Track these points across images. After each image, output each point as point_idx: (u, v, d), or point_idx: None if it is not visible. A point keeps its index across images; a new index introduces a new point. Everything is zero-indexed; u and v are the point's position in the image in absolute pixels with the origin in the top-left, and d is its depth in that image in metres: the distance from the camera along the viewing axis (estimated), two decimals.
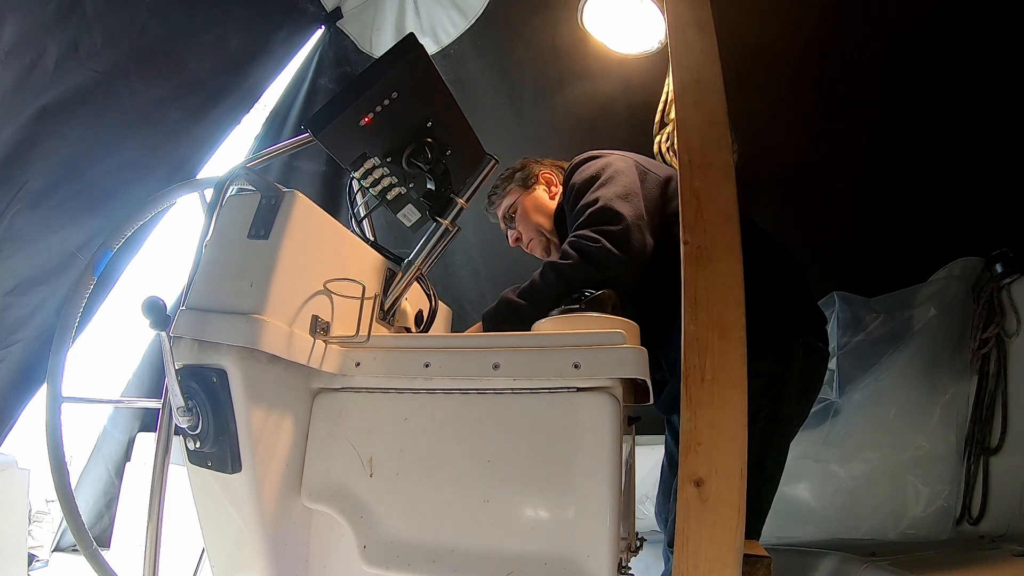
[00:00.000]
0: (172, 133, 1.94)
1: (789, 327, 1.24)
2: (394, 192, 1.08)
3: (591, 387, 0.83)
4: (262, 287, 0.82)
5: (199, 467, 0.85)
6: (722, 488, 0.71)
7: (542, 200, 1.53)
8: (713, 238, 0.84)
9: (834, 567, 1.41)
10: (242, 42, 2.10)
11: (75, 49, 1.61)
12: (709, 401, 0.75)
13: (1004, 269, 1.85)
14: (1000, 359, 1.80)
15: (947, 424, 1.84)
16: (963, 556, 1.48)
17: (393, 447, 0.89)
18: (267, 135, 2.48)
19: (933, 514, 1.78)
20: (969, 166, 1.95)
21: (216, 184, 0.92)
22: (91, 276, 1.00)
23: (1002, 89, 1.87)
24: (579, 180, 1.31)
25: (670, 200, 1.30)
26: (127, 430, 2.54)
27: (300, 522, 0.92)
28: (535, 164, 1.59)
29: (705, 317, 0.79)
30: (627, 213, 1.19)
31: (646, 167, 1.35)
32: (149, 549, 0.84)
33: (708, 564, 0.69)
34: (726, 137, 0.92)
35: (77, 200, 1.71)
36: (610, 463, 0.80)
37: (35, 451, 1.79)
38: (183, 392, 0.78)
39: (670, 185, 1.32)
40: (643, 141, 1.71)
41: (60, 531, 2.41)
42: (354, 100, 0.94)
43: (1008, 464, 1.71)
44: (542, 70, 2.37)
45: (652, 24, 1.71)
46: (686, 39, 1.02)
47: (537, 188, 1.54)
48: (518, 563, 0.80)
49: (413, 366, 0.89)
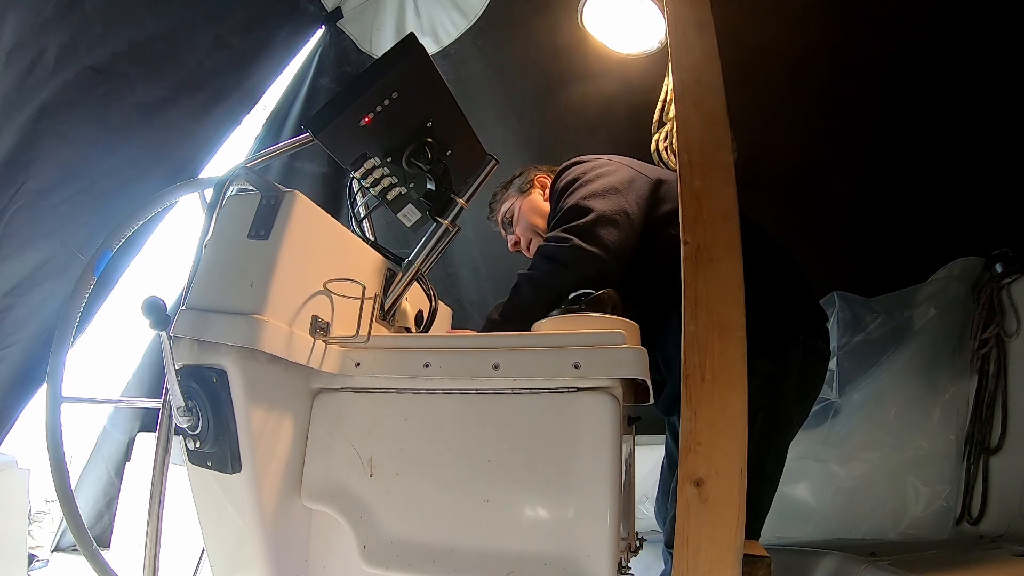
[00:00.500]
0: (172, 133, 1.94)
1: (787, 326, 1.23)
2: (394, 192, 1.08)
3: (591, 387, 0.83)
4: (262, 287, 0.82)
5: (199, 467, 0.85)
6: (722, 488, 0.71)
7: (538, 203, 1.55)
8: (713, 238, 0.84)
9: (834, 567, 1.41)
10: (242, 42, 2.10)
11: (75, 48, 1.61)
12: (709, 401, 0.75)
13: (1004, 269, 1.85)
14: (1000, 359, 1.80)
15: (947, 424, 1.84)
16: (963, 556, 1.48)
17: (393, 447, 0.89)
18: (267, 135, 2.48)
19: (933, 514, 1.78)
20: (969, 166, 1.95)
21: (216, 184, 0.92)
22: (91, 276, 1.00)
23: (1002, 89, 1.87)
24: (561, 184, 1.33)
25: (661, 201, 1.30)
26: (127, 430, 2.54)
27: (300, 522, 0.92)
28: (532, 169, 1.62)
29: (705, 317, 0.79)
30: (599, 208, 1.19)
31: (637, 169, 1.35)
32: (149, 549, 0.84)
33: (708, 564, 0.69)
34: (726, 137, 0.92)
35: (77, 200, 1.71)
36: (610, 463, 0.80)
37: (35, 451, 1.79)
38: (183, 392, 0.78)
39: (662, 187, 1.32)
40: (643, 141, 1.71)
41: (60, 531, 2.40)
42: (354, 100, 0.94)
43: (1008, 464, 1.71)
44: (542, 70, 2.37)
45: (652, 24, 1.71)
46: (686, 39, 1.02)
47: (533, 192, 1.57)
48: (518, 563, 0.80)
49: (413, 366, 0.89)
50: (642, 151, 1.62)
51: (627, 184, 1.28)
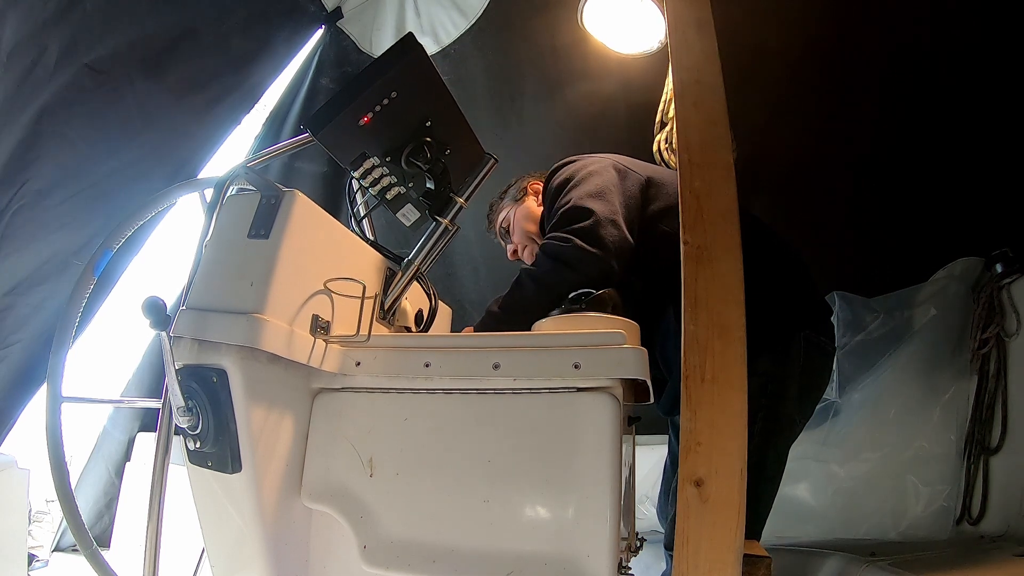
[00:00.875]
0: (173, 133, 1.94)
1: (788, 322, 1.22)
2: (394, 191, 1.08)
3: (591, 387, 0.83)
4: (262, 287, 0.82)
5: (199, 467, 0.85)
6: (722, 488, 0.71)
7: (531, 209, 1.56)
8: (713, 238, 0.84)
9: (834, 567, 1.41)
10: (243, 42, 2.10)
11: (75, 48, 1.61)
12: (709, 401, 0.75)
13: (1004, 269, 1.85)
14: (1000, 359, 1.80)
15: (947, 424, 1.84)
16: (963, 556, 1.48)
17: (393, 447, 0.89)
18: (267, 135, 2.48)
19: (933, 514, 1.78)
20: (969, 166, 1.95)
21: (216, 184, 0.92)
22: (91, 276, 1.00)
23: (1002, 89, 1.87)
24: (554, 185, 1.33)
25: (652, 199, 1.31)
26: (127, 430, 2.54)
27: (300, 522, 0.92)
28: (525, 177, 1.63)
29: (705, 317, 0.79)
30: (598, 209, 1.20)
31: (627, 167, 1.35)
32: (149, 549, 0.84)
33: (708, 564, 0.69)
34: (726, 137, 0.92)
35: (77, 200, 1.71)
36: (610, 463, 0.80)
37: (35, 451, 1.79)
38: (183, 392, 0.78)
39: (652, 184, 1.33)
40: (643, 141, 1.71)
41: (60, 531, 2.40)
42: (353, 100, 0.94)
43: (1008, 464, 1.71)
44: (542, 70, 2.37)
45: (652, 24, 1.71)
46: (686, 39, 1.02)
47: (527, 200, 1.58)
48: (518, 563, 0.80)
49: (413, 366, 0.89)
50: (642, 151, 1.63)
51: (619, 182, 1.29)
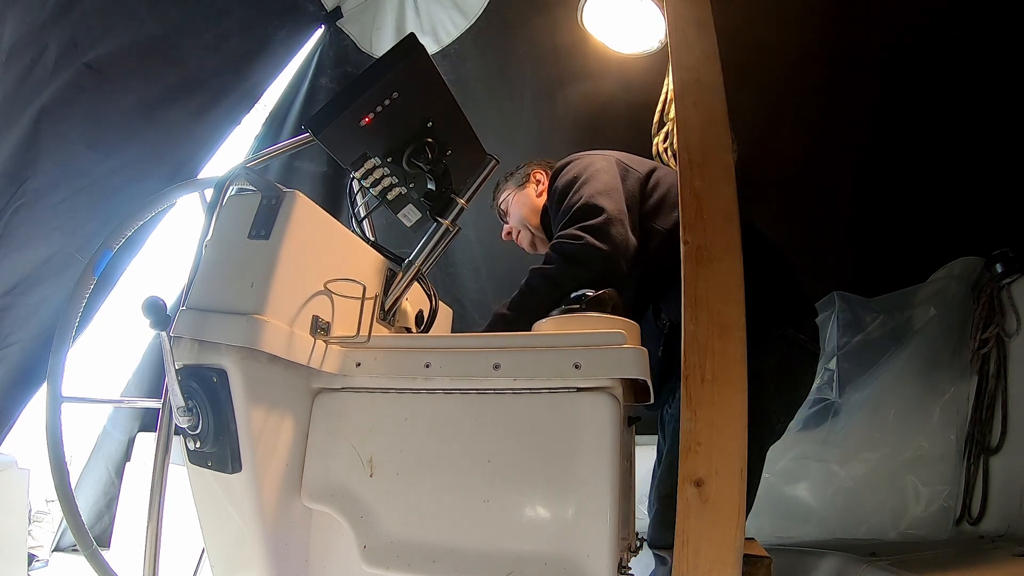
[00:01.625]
0: (172, 133, 1.94)
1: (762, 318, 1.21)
2: (394, 192, 1.08)
3: (591, 387, 0.83)
4: (262, 287, 0.82)
5: (199, 467, 0.85)
6: (722, 488, 0.71)
7: (530, 196, 1.61)
8: (713, 238, 0.84)
9: (834, 567, 1.41)
10: (242, 41, 2.10)
11: (75, 47, 1.61)
12: (709, 401, 0.75)
13: (1004, 269, 1.85)
14: (1000, 359, 1.80)
15: (947, 424, 1.84)
16: (963, 556, 1.48)
17: (393, 447, 0.89)
18: (267, 135, 2.47)
19: (933, 514, 1.78)
20: (969, 166, 1.95)
21: (216, 184, 0.92)
22: (91, 276, 1.00)
23: (1002, 89, 1.87)
24: (561, 183, 1.35)
25: (648, 196, 1.34)
26: (127, 430, 2.54)
27: (300, 522, 0.92)
28: (531, 164, 1.67)
29: (705, 317, 0.79)
30: (608, 207, 1.22)
31: (627, 164, 1.38)
32: (149, 549, 0.84)
33: (708, 564, 0.69)
34: (726, 137, 0.92)
35: (77, 200, 1.71)
36: (610, 463, 0.80)
37: (35, 451, 1.79)
38: (183, 392, 0.78)
39: (651, 178, 1.36)
40: (643, 141, 1.72)
41: (60, 531, 2.40)
42: (354, 100, 0.94)
43: (1008, 464, 1.71)
44: (542, 70, 2.37)
45: (652, 24, 1.71)
46: (686, 39, 1.02)
47: (528, 186, 1.63)
48: (518, 563, 0.80)
49: (413, 366, 0.89)
50: (642, 151, 1.63)
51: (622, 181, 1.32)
